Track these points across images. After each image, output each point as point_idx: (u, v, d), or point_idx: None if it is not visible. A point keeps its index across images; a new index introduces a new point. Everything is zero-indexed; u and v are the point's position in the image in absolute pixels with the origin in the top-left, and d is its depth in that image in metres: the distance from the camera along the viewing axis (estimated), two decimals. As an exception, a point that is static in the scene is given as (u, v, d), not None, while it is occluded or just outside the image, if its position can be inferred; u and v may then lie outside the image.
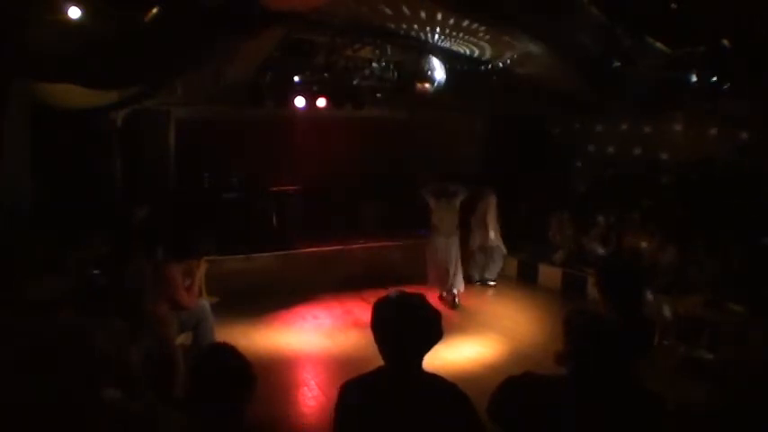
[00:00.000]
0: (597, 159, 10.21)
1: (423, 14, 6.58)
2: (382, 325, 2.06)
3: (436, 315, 2.08)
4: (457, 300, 8.23)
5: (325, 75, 8.74)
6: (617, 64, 7.33)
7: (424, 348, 2.05)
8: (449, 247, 8.28)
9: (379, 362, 2.12)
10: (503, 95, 9.74)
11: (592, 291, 8.01)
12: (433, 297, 7.95)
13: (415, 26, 7.18)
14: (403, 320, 2.03)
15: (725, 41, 6.45)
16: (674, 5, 5.92)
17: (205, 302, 5.55)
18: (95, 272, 6.00)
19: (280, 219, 9.21)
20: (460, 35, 7.44)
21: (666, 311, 6.20)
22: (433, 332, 2.06)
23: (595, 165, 10.20)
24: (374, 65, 8.79)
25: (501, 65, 8.44)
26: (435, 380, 2.09)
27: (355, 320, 7.35)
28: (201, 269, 5.55)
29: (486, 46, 7.73)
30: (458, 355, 6.22)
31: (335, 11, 6.43)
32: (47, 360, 2.38)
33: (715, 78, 7.03)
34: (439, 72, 8.14)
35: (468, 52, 8.15)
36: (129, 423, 2.28)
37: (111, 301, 5.36)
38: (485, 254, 9.39)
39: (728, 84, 6.87)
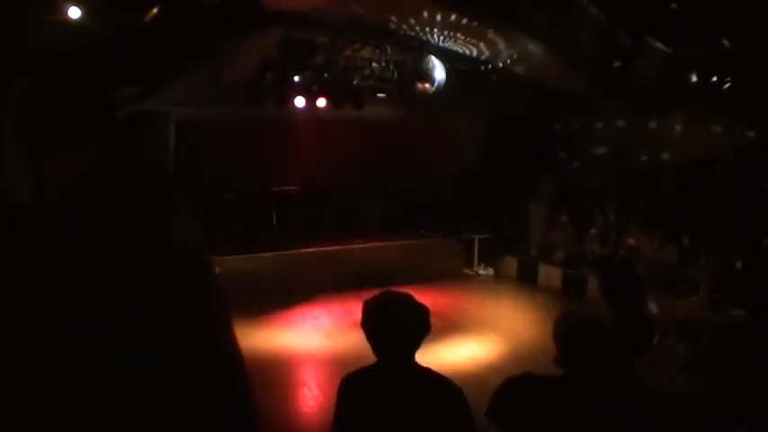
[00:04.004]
0: (597, 159, 10.22)
1: (425, 14, 6.59)
2: (370, 323, 2.12)
3: (422, 311, 2.14)
4: None
5: (325, 75, 8.74)
6: (617, 64, 7.33)
7: (412, 343, 2.11)
8: None
9: (379, 361, 2.15)
10: (502, 95, 9.75)
11: (592, 291, 8.01)
12: (424, 297, 7.96)
13: (416, 26, 7.19)
14: (390, 318, 2.10)
15: (725, 41, 6.45)
16: (673, 5, 5.93)
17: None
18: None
19: (280, 219, 9.21)
20: (460, 35, 7.44)
21: (666, 312, 6.20)
22: (419, 327, 2.12)
23: (595, 164, 10.21)
24: (374, 65, 8.80)
25: (501, 64, 8.45)
26: (429, 373, 2.14)
27: (355, 320, 7.30)
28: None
29: (486, 47, 7.74)
30: (457, 355, 6.22)
31: (335, 11, 6.44)
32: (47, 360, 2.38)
33: (715, 78, 7.03)
34: (439, 72, 8.15)
35: (467, 52, 8.16)
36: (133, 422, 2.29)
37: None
38: None
39: (728, 83, 6.87)
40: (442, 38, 7.58)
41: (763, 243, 6.82)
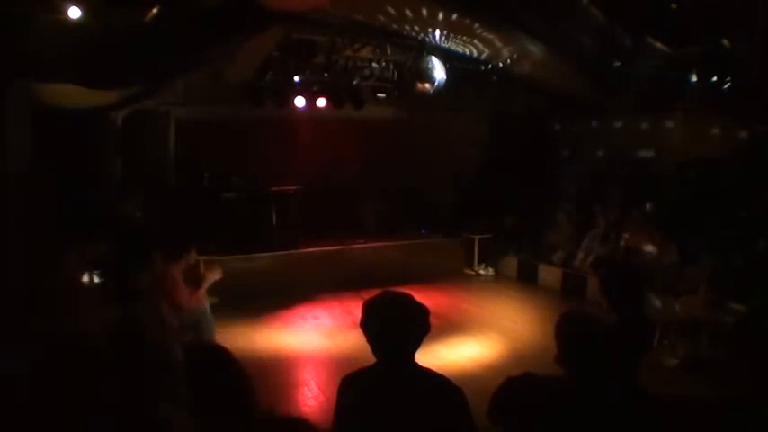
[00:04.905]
0: (597, 159, 10.22)
1: (424, 13, 6.59)
2: (371, 323, 2.13)
3: (422, 311, 2.14)
4: None
5: (326, 75, 8.74)
6: (617, 64, 7.34)
7: (412, 343, 2.11)
8: None
9: (378, 361, 2.15)
10: (503, 95, 9.75)
11: (592, 291, 8.01)
12: (424, 297, 7.98)
13: (416, 26, 7.19)
14: (390, 318, 2.10)
15: (725, 41, 6.46)
16: (673, 5, 5.94)
17: (205, 302, 5.55)
18: (95, 272, 6.00)
19: (280, 219, 9.21)
20: (461, 36, 7.44)
21: (667, 311, 6.20)
22: (419, 327, 2.12)
23: (596, 164, 10.21)
24: (374, 65, 8.80)
25: (501, 64, 8.45)
26: (428, 373, 2.14)
27: (355, 320, 7.30)
28: (214, 275, 5.53)
29: (485, 46, 7.73)
30: (458, 355, 6.21)
31: (335, 11, 6.43)
32: (51, 361, 2.39)
33: (715, 78, 7.04)
34: (439, 72, 8.14)
35: (467, 52, 8.16)
36: (134, 424, 2.29)
37: (111, 301, 5.36)
38: None
39: (728, 83, 6.87)
40: (442, 38, 7.57)
41: (763, 243, 6.82)
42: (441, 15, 6.59)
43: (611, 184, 9.58)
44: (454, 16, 6.53)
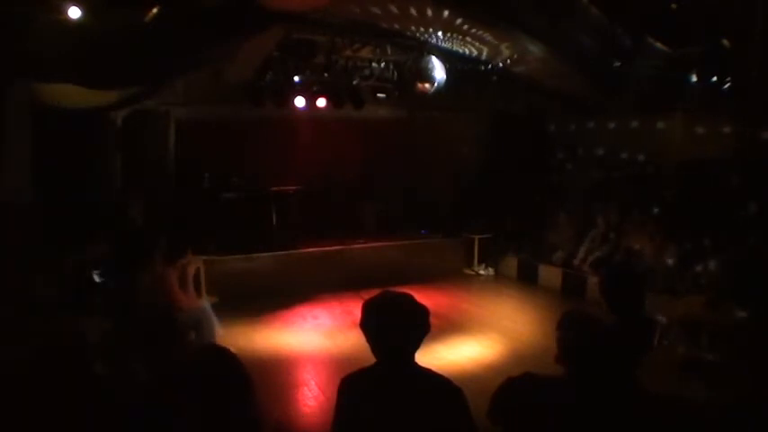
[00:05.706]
0: (597, 159, 10.21)
1: (428, 13, 6.58)
2: (371, 323, 2.13)
3: (422, 311, 2.14)
4: None
5: (326, 75, 8.74)
6: (617, 64, 7.34)
7: (412, 343, 2.11)
8: None
9: (378, 361, 2.14)
10: (503, 95, 9.75)
11: (592, 291, 8.01)
12: (424, 297, 7.98)
13: (415, 26, 7.19)
14: (390, 318, 2.10)
15: (725, 41, 6.46)
16: (673, 5, 5.94)
17: (205, 303, 5.56)
18: (95, 272, 6.00)
19: (280, 219, 9.21)
20: (461, 36, 7.44)
21: (666, 312, 6.20)
22: (419, 327, 2.12)
23: (595, 164, 10.21)
24: (374, 65, 8.80)
25: (501, 64, 8.45)
26: (428, 373, 2.14)
27: (355, 320, 7.28)
28: (192, 269, 5.53)
29: (485, 47, 7.73)
30: (458, 355, 6.21)
31: (335, 11, 6.44)
32: (48, 362, 2.39)
33: (715, 78, 7.04)
34: (439, 72, 8.14)
35: (467, 52, 8.16)
36: (134, 424, 2.29)
37: (110, 303, 5.36)
38: None
39: (728, 83, 6.87)
40: (441, 38, 7.58)
41: (764, 243, 6.82)
42: (434, 13, 6.59)
43: (611, 185, 9.57)
44: (447, 13, 6.53)
